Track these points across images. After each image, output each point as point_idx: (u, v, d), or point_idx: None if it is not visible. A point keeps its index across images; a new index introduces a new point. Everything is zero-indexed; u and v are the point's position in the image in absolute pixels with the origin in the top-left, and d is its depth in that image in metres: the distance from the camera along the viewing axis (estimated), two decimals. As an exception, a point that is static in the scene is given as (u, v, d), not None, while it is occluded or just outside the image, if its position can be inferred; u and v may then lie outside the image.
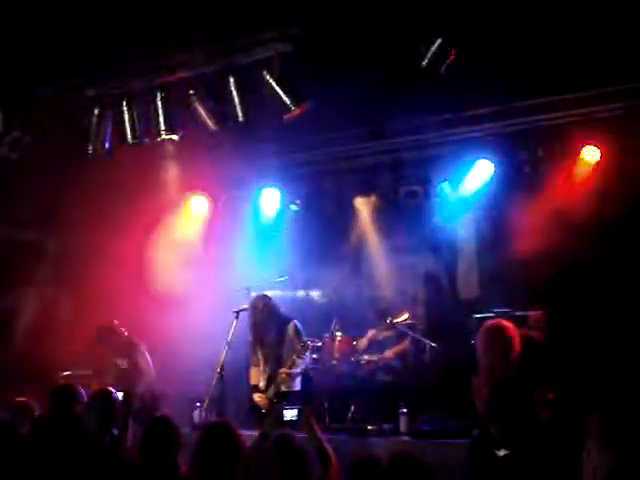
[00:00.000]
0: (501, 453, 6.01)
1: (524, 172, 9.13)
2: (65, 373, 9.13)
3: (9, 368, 9.29)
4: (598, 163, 8.69)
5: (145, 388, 8.56)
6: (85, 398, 6.14)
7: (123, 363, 8.72)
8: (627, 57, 7.42)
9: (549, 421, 6.19)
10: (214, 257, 10.16)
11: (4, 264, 9.89)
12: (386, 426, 8.58)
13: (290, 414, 6.27)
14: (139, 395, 8.51)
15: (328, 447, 4.87)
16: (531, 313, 8.31)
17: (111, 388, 6.20)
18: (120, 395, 6.31)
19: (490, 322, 6.55)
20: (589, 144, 8.69)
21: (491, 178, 9.30)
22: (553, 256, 8.50)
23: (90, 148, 8.05)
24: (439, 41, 6.70)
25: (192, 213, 10.62)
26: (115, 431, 5.75)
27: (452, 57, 6.73)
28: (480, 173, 9.37)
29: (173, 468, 4.63)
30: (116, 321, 8.87)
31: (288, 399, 7.45)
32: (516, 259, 8.90)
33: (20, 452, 4.74)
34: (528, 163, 9.09)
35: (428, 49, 6.77)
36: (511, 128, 9.01)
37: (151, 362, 8.78)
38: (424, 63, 6.87)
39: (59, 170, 8.99)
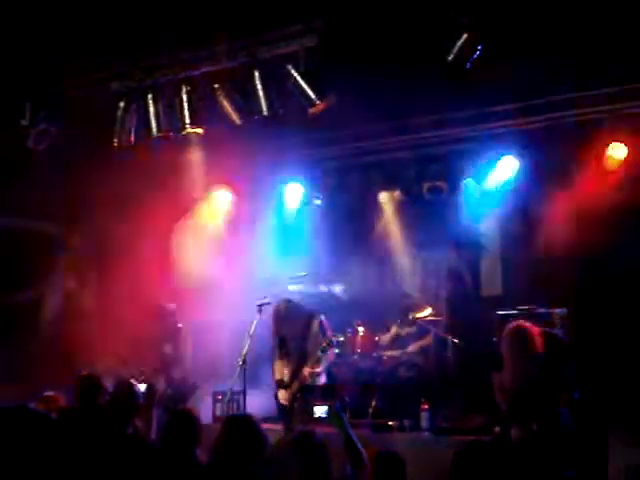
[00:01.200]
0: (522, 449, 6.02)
1: (549, 168, 9.04)
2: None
3: (36, 359, 9.35)
4: (625, 159, 8.60)
5: (181, 375, 8.61)
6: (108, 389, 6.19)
7: (168, 348, 8.76)
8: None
9: (571, 419, 6.17)
10: (238, 250, 10.17)
11: (32, 255, 9.96)
12: (407, 422, 8.58)
13: (320, 410, 6.26)
14: (175, 381, 8.56)
15: (361, 447, 4.81)
16: (555, 310, 8.26)
17: (133, 380, 6.24)
18: (143, 387, 6.35)
19: (511, 324, 6.50)
20: (616, 140, 8.60)
21: (516, 174, 9.23)
22: (578, 253, 8.45)
23: (116, 141, 8.07)
24: (465, 36, 6.65)
25: (216, 206, 10.63)
26: (138, 423, 5.78)
27: (478, 52, 6.68)
28: (505, 169, 9.31)
29: (193, 461, 4.64)
30: (172, 304, 8.91)
31: (312, 393, 7.45)
32: (540, 256, 8.85)
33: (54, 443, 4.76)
34: (553, 159, 9.00)
35: (454, 44, 6.73)
36: (537, 124, 8.95)
37: (191, 346, 8.82)
38: (450, 58, 6.82)
39: (85, 163, 9.05)
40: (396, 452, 4.87)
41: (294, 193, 10.43)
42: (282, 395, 7.64)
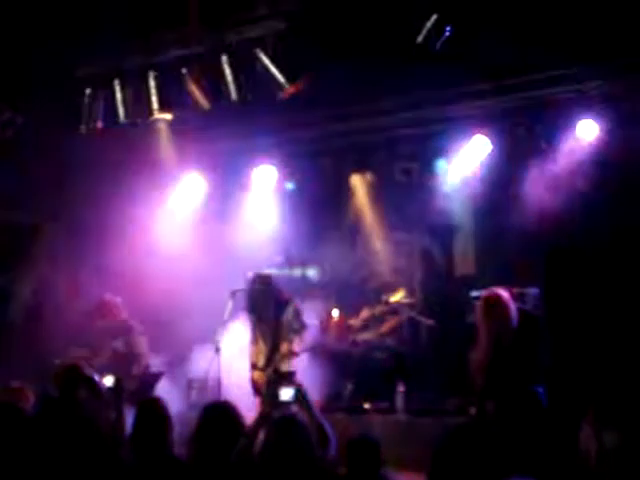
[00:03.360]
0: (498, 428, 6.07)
1: (521, 147, 9.07)
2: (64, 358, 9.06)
3: (6, 349, 9.26)
4: (596, 137, 8.64)
5: (141, 370, 8.54)
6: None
7: (119, 346, 8.68)
8: (625, 31, 7.36)
9: (545, 395, 6.23)
10: (211, 236, 10.10)
11: (4, 245, 9.85)
12: (383, 404, 8.63)
13: (286, 394, 6.25)
14: (135, 377, 8.52)
15: (327, 426, 4.87)
16: (528, 290, 8.31)
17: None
18: (110, 381, 6.27)
19: (486, 293, 6.57)
20: (587, 118, 8.64)
21: (487, 154, 9.25)
22: (551, 232, 8.50)
23: (83, 128, 7.98)
24: (434, 17, 6.64)
25: (188, 192, 10.55)
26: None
27: (447, 33, 6.67)
28: (476, 149, 9.31)
29: (166, 450, 4.60)
30: (118, 298, 8.81)
31: (287, 379, 7.44)
32: (513, 236, 8.89)
33: (26, 435, 4.70)
34: (525, 138, 9.03)
35: (423, 25, 6.71)
36: (508, 104, 8.95)
37: (146, 344, 8.75)
38: (419, 39, 6.81)
39: (53, 150, 8.93)
40: (369, 436, 4.87)
41: (265, 177, 10.37)
42: (257, 379, 7.62)
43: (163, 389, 8.55)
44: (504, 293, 6.43)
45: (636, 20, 7.10)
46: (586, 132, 8.64)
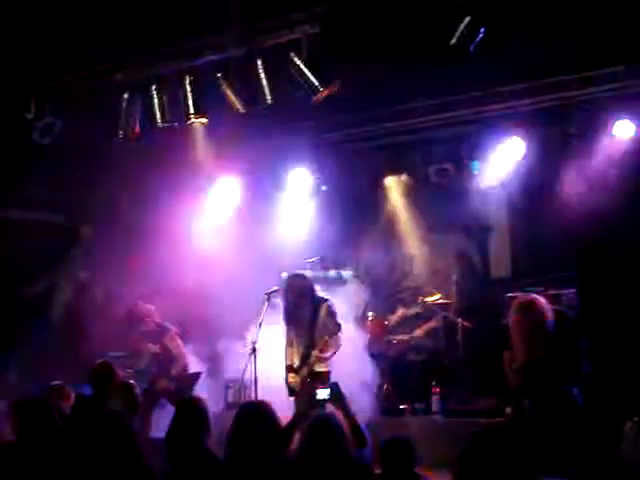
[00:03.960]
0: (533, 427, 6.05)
1: (556, 148, 9.02)
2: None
3: (46, 351, 9.42)
4: (631, 137, 8.57)
5: (179, 371, 8.66)
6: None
7: (155, 348, 8.81)
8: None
9: (581, 398, 6.20)
10: (246, 238, 10.18)
11: (39, 248, 10.02)
12: (418, 405, 8.63)
13: (322, 393, 6.29)
14: (173, 378, 8.64)
15: (362, 427, 4.90)
16: (564, 291, 8.27)
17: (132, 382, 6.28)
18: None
19: (521, 297, 6.55)
20: (622, 118, 8.57)
21: (522, 155, 9.21)
22: (585, 233, 8.44)
23: (121, 132, 8.09)
24: (468, 19, 6.63)
25: (223, 194, 10.64)
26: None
27: (481, 35, 6.66)
28: (512, 150, 9.28)
29: (202, 448, 4.66)
30: (148, 306, 8.92)
31: (322, 379, 7.48)
32: (548, 237, 8.84)
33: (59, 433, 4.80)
34: (560, 139, 8.99)
35: (456, 27, 6.71)
36: (543, 104, 8.92)
37: (182, 346, 8.86)
38: (453, 41, 6.80)
39: (91, 154, 9.07)
40: (402, 436, 4.89)
41: (300, 179, 10.42)
42: (291, 380, 7.67)
43: (201, 389, 8.67)
44: (539, 297, 6.40)
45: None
46: (622, 132, 8.58)
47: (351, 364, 8.20)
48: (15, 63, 8.00)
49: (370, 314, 9.58)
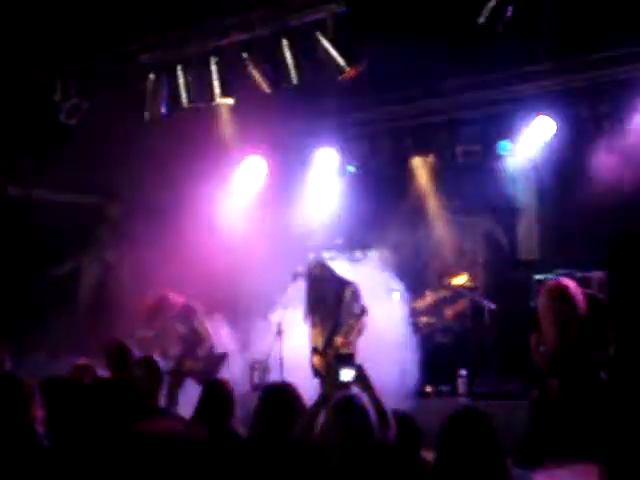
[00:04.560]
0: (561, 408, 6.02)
1: (586, 128, 8.89)
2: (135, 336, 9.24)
3: (74, 330, 9.51)
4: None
5: (205, 351, 8.71)
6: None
7: (182, 328, 8.87)
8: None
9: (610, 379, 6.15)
10: (271, 218, 10.18)
11: (68, 228, 10.10)
12: (444, 388, 8.61)
13: (346, 375, 6.28)
14: (200, 359, 8.69)
15: (386, 409, 4.87)
16: (593, 274, 8.18)
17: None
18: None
19: (551, 282, 6.49)
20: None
21: (551, 135, 9.09)
22: (617, 217, 8.33)
23: (147, 113, 8.10)
24: (496, -2, 6.54)
25: (249, 175, 10.64)
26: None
27: (509, 14, 6.55)
28: (541, 130, 9.16)
29: (228, 429, 4.69)
30: (169, 294, 8.96)
31: (347, 361, 7.47)
32: (577, 219, 8.74)
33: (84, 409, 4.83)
34: (591, 119, 8.85)
35: (485, 6, 6.61)
36: (573, 84, 8.79)
37: (209, 327, 8.90)
38: (481, 20, 6.71)
39: (118, 135, 9.10)
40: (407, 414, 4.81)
41: (326, 160, 10.39)
42: (316, 362, 7.68)
43: (227, 370, 8.72)
44: (570, 282, 6.32)
45: None
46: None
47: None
48: (41, 44, 8.03)
49: (395, 296, 9.53)
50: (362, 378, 5.52)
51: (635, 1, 6.97)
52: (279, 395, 4.47)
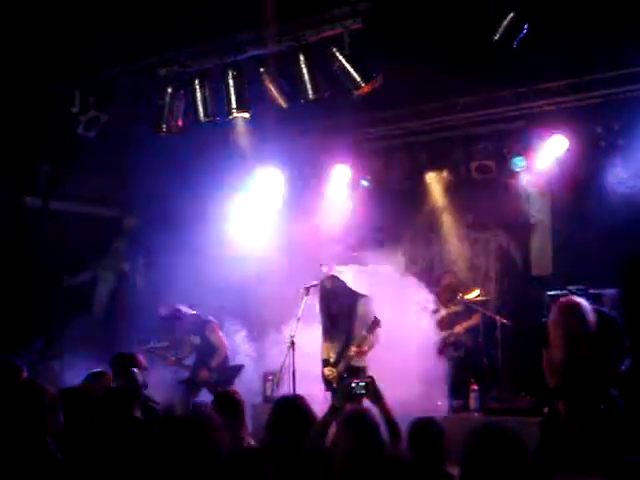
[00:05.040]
0: (572, 428, 6.01)
1: (599, 146, 8.92)
2: (145, 347, 9.29)
3: (90, 339, 9.57)
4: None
5: (219, 362, 8.78)
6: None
7: (196, 339, 8.95)
8: None
9: (620, 397, 6.13)
10: (285, 232, 10.24)
11: (85, 239, 10.20)
12: (456, 402, 8.60)
13: (358, 388, 6.29)
14: (214, 369, 8.76)
15: (397, 422, 4.91)
16: (606, 291, 8.17)
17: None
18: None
19: (563, 299, 6.48)
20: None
21: (565, 152, 9.11)
22: (629, 233, 8.33)
23: (164, 126, 8.17)
24: (511, 15, 6.58)
25: (264, 188, 10.70)
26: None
27: (525, 31, 6.59)
28: (555, 147, 9.19)
29: (239, 440, 4.74)
30: (181, 307, 9.05)
31: (359, 374, 7.49)
32: (591, 235, 8.74)
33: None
34: (604, 137, 8.88)
35: (500, 23, 6.65)
36: (587, 101, 8.83)
37: (223, 338, 8.97)
38: (496, 37, 6.75)
39: (135, 147, 9.20)
40: (433, 418, 4.85)
41: (341, 174, 10.45)
42: (328, 374, 7.70)
43: (240, 381, 8.78)
44: (581, 299, 6.33)
45: None
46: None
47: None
48: (61, 57, 8.14)
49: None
50: (373, 391, 5.56)
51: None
52: (290, 407, 4.52)
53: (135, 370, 6.11)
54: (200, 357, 8.96)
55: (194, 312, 9.12)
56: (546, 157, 9.31)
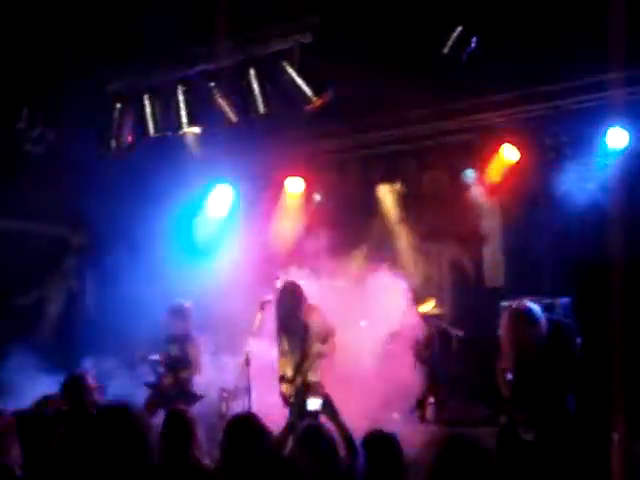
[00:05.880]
0: (528, 437, 6.04)
1: (549, 157, 9.03)
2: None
3: (40, 357, 9.39)
4: (624, 146, 8.60)
5: (187, 377, 8.66)
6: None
7: (174, 349, 8.81)
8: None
9: (575, 405, 6.19)
10: (238, 247, 10.18)
11: (31, 257, 10.01)
12: (412, 414, 8.60)
13: (313, 404, 6.26)
14: (179, 383, 8.62)
15: (352, 436, 4.88)
16: (559, 300, 8.25)
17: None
18: None
19: (514, 305, 6.54)
20: (614, 126, 8.59)
21: (515, 163, 9.23)
22: (579, 243, 8.44)
23: (113, 142, 8.09)
24: (460, 28, 6.65)
25: (216, 204, 10.64)
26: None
27: (473, 44, 6.67)
28: (505, 158, 9.29)
29: (187, 460, 4.67)
30: (186, 303, 8.92)
31: (315, 389, 7.45)
32: (542, 246, 8.84)
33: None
34: (553, 147, 9.00)
35: (449, 36, 6.72)
36: (536, 112, 8.95)
37: (200, 356, 8.84)
38: (445, 50, 6.82)
39: (83, 164, 9.07)
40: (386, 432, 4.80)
41: (293, 188, 10.43)
42: (285, 391, 7.64)
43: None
44: (532, 304, 6.39)
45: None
46: (614, 140, 8.59)
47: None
48: (8, 72, 8.00)
49: (363, 324, 9.54)
50: (328, 407, 5.54)
51: (594, 33, 7.10)
52: (244, 426, 4.46)
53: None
54: (171, 366, 8.82)
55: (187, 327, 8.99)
56: (497, 168, 9.40)
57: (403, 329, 9.21)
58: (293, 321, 7.73)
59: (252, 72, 7.43)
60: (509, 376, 6.37)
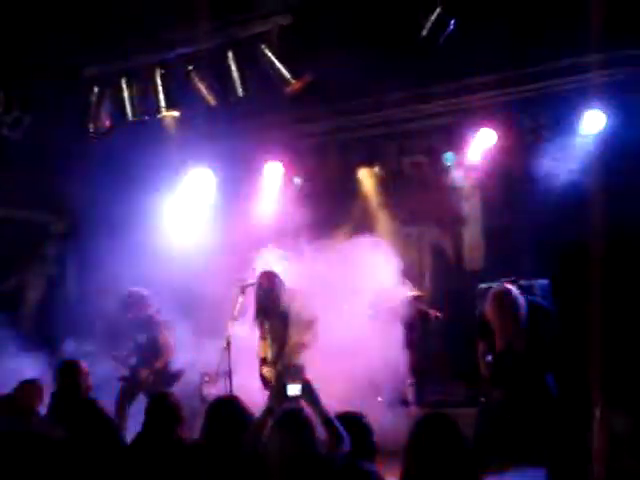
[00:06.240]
0: (508, 416, 6.11)
1: (529, 140, 9.07)
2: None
3: (21, 341, 9.35)
4: (601, 129, 8.65)
5: (162, 365, 8.65)
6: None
7: (142, 338, 8.77)
8: (630, 21, 7.34)
9: (555, 385, 6.26)
10: (218, 231, 10.16)
11: (11, 244, 9.94)
12: (394, 396, 8.65)
13: (293, 389, 6.25)
14: (155, 371, 8.62)
15: (337, 423, 4.88)
16: (537, 281, 8.31)
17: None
18: None
19: (496, 288, 6.60)
20: (591, 109, 8.64)
21: (494, 146, 9.25)
22: (558, 225, 8.49)
23: (91, 127, 8.03)
24: (438, 11, 6.65)
25: (196, 188, 10.61)
26: None
27: (451, 27, 6.67)
28: (484, 141, 9.32)
29: (175, 442, 4.69)
30: (145, 291, 8.89)
31: (297, 372, 7.45)
32: (521, 228, 8.89)
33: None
34: (532, 130, 9.04)
35: (427, 19, 6.72)
36: (515, 95, 8.96)
37: (171, 340, 8.82)
38: (424, 33, 6.82)
39: (61, 149, 9.00)
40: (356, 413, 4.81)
41: (273, 172, 10.41)
42: (266, 373, 7.64)
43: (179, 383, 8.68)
44: (512, 287, 6.46)
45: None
46: (591, 123, 8.64)
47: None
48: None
49: (345, 307, 9.56)
50: (309, 392, 5.55)
51: (573, 16, 7.12)
52: (224, 409, 4.48)
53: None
54: (143, 357, 8.79)
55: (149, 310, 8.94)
56: (476, 151, 9.43)
57: (387, 304, 9.25)
58: (273, 305, 7.73)
59: (230, 55, 7.40)
60: (489, 357, 6.43)
